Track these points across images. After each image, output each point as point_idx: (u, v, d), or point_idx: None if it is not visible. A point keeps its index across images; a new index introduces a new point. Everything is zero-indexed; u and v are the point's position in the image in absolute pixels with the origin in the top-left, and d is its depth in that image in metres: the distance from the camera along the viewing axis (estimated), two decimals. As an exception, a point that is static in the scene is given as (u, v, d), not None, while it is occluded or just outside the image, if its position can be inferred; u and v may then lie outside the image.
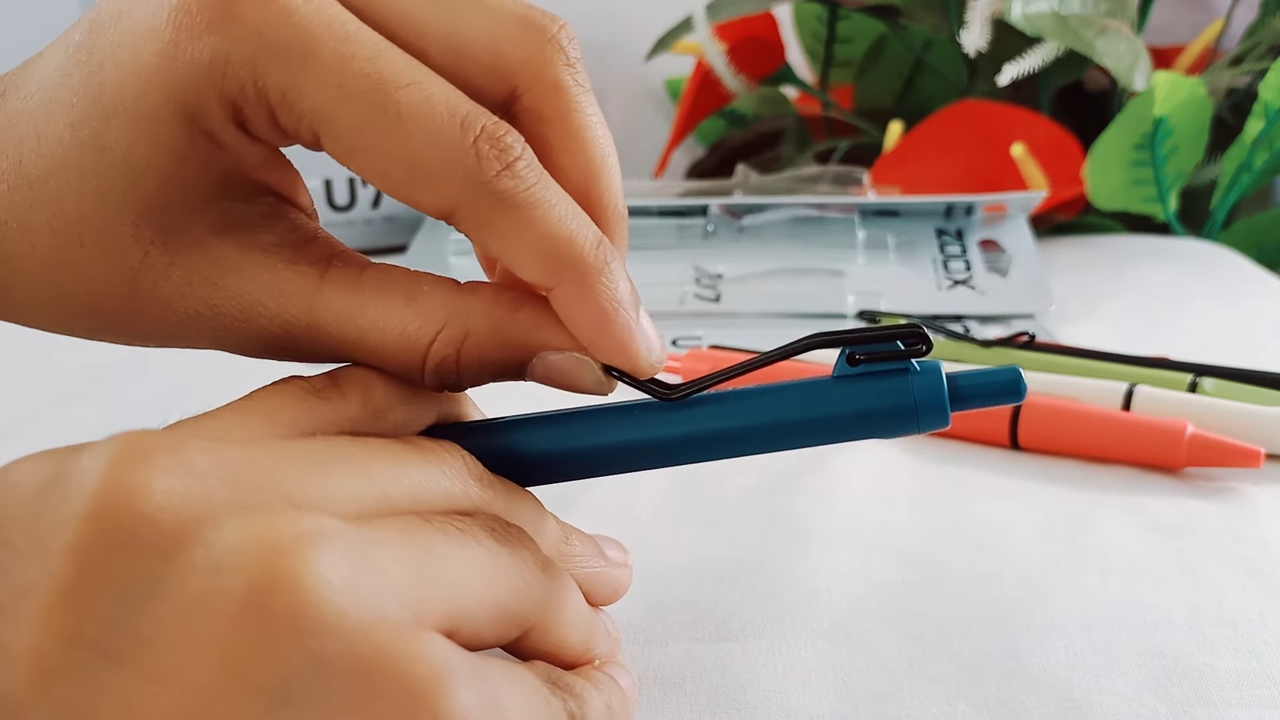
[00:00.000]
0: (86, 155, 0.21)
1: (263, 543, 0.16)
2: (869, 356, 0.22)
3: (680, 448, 0.23)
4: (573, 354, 0.22)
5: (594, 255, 0.21)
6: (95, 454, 0.17)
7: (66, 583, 0.16)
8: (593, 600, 0.24)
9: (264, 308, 0.22)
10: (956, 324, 0.55)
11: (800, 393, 0.22)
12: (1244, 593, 0.28)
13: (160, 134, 0.20)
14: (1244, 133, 0.67)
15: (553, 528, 0.23)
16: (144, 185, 0.21)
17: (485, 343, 0.22)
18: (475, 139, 0.20)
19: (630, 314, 0.22)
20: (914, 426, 0.22)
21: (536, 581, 0.20)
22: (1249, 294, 0.60)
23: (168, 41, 0.20)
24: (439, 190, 0.20)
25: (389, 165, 0.20)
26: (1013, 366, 0.22)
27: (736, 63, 0.82)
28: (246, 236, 0.22)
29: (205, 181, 0.21)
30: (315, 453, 0.19)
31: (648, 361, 0.22)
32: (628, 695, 0.22)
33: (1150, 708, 0.24)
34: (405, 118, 0.19)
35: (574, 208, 0.21)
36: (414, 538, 0.18)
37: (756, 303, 0.57)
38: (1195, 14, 0.89)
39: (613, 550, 0.25)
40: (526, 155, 0.20)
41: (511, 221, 0.20)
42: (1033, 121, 0.75)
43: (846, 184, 0.71)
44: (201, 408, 0.23)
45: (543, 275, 0.21)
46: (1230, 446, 0.35)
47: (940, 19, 0.78)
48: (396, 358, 0.22)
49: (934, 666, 0.25)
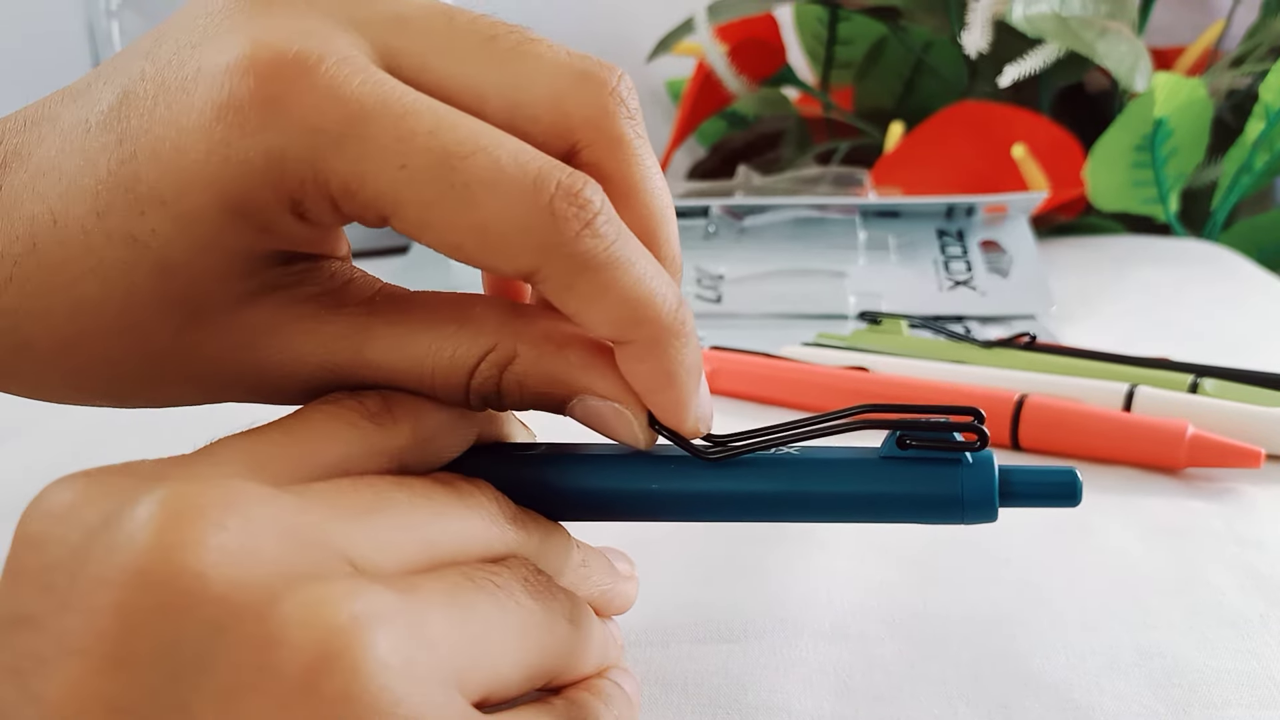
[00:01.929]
0: (114, 246, 0.20)
1: (320, 620, 0.15)
2: (921, 443, 0.21)
3: (716, 506, 0.22)
4: (613, 405, 0.21)
5: (672, 319, 0.20)
6: (148, 503, 0.16)
7: (111, 644, 0.15)
8: (603, 614, 0.24)
9: (311, 357, 0.21)
10: (957, 325, 0.55)
11: (845, 469, 0.21)
12: (1243, 593, 0.28)
13: (205, 231, 0.19)
14: (1244, 134, 0.68)
15: (575, 555, 0.23)
16: (180, 277, 0.20)
17: (528, 372, 0.21)
18: (551, 198, 0.18)
19: (692, 383, 0.21)
20: (959, 518, 0.21)
21: (566, 635, 0.20)
22: (1249, 295, 0.60)
23: (218, 140, 0.18)
24: (516, 258, 0.19)
25: (464, 240, 0.19)
26: (1070, 469, 0.21)
27: (737, 64, 0.82)
28: (284, 295, 0.21)
29: (247, 263, 0.20)
30: (362, 501, 0.18)
31: (693, 431, 0.22)
32: (633, 699, 0.22)
33: (1150, 708, 0.24)
34: (474, 188, 0.18)
35: (654, 264, 0.20)
36: (457, 598, 0.18)
37: (758, 303, 0.57)
38: (1196, 15, 0.90)
39: (621, 563, 0.25)
40: (606, 209, 0.19)
41: (592, 284, 0.19)
42: (1033, 122, 0.76)
43: (847, 185, 0.71)
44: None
45: (618, 334, 0.20)
46: (1230, 447, 0.35)
47: (941, 20, 0.78)
48: (445, 381, 0.21)
49: (934, 667, 0.25)
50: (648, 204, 0.21)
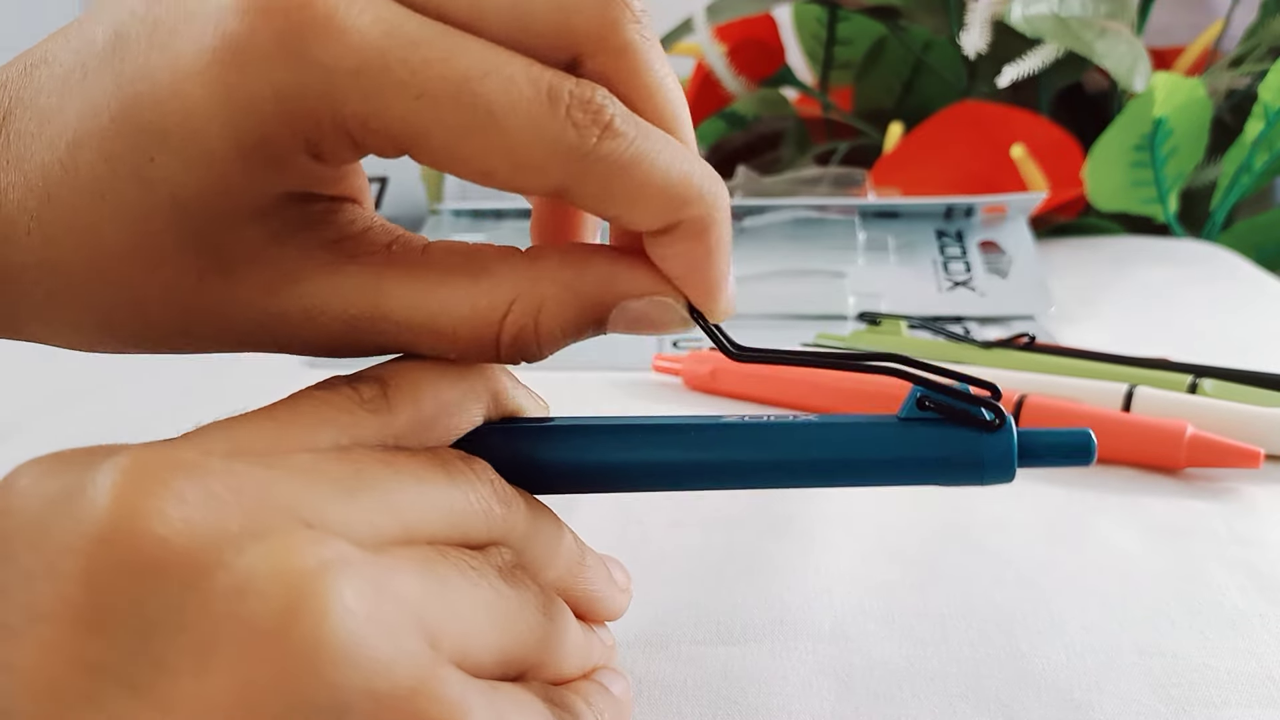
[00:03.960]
0: (128, 190, 0.19)
1: (286, 568, 0.15)
2: (939, 406, 0.21)
3: (739, 471, 0.22)
4: (653, 298, 0.21)
5: (711, 195, 0.20)
6: (108, 470, 0.16)
7: (82, 608, 0.15)
8: (590, 618, 0.24)
9: (328, 306, 0.21)
10: (957, 325, 0.55)
11: (863, 430, 0.22)
12: (1243, 593, 0.28)
13: (215, 172, 0.19)
14: (1244, 134, 0.68)
15: (570, 546, 0.23)
16: (196, 219, 0.20)
17: (563, 308, 0.21)
18: (567, 109, 0.18)
19: (727, 260, 0.21)
20: (978, 479, 0.21)
21: (538, 625, 0.20)
22: (1249, 295, 0.60)
23: (220, 81, 0.18)
24: (545, 173, 0.19)
25: (489, 162, 0.19)
26: (1085, 430, 0.22)
27: (736, 64, 0.82)
28: (305, 238, 0.21)
29: (264, 202, 0.20)
30: (340, 476, 0.18)
31: (726, 310, 0.22)
32: (621, 701, 0.22)
33: (1150, 707, 0.24)
34: (495, 110, 0.18)
35: (679, 147, 0.20)
36: (428, 568, 0.18)
37: (757, 304, 0.57)
38: (1195, 15, 0.90)
39: (619, 573, 0.25)
40: (619, 108, 0.19)
41: (626, 183, 0.19)
42: (1033, 123, 0.76)
43: (847, 186, 0.71)
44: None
45: (663, 222, 0.20)
46: (1230, 447, 0.35)
47: (940, 20, 0.79)
48: (470, 338, 0.21)
49: (934, 667, 0.25)
50: (661, 109, 0.21)
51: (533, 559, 0.21)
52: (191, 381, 0.48)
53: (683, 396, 0.46)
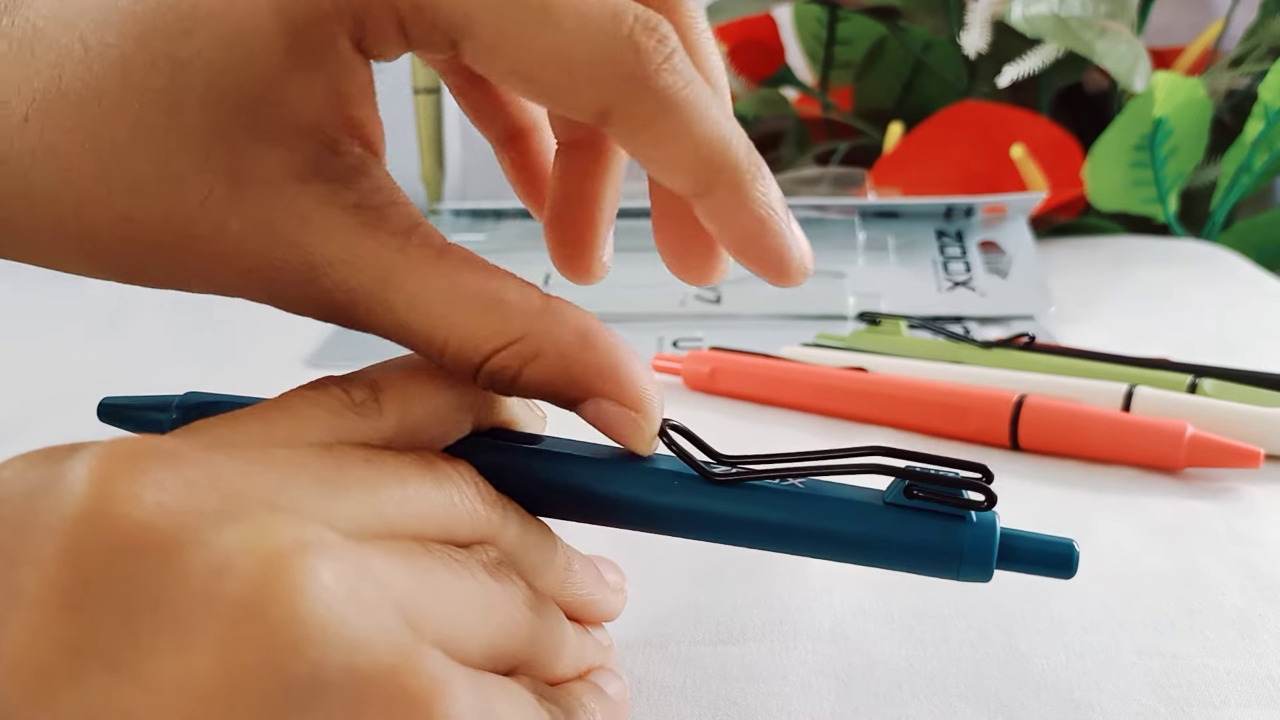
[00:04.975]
0: (155, 73, 0.18)
1: (264, 547, 0.15)
2: (927, 495, 0.21)
3: (715, 527, 0.22)
4: (629, 413, 0.21)
5: (748, 161, 0.19)
6: (86, 457, 0.16)
7: (64, 590, 0.15)
8: (585, 621, 0.23)
9: (334, 270, 0.20)
10: (956, 325, 0.55)
11: (846, 508, 0.21)
12: (1243, 593, 0.28)
13: (257, 51, 0.18)
14: (1244, 134, 0.67)
15: (559, 556, 0.23)
16: (225, 110, 0.18)
17: (550, 369, 0.21)
18: (631, 29, 0.18)
19: (786, 219, 0.20)
20: (954, 573, 0.21)
21: (526, 621, 0.20)
22: (1249, 295, 0.60)
23: None
24: (597, 89, 0.18)
25: (540, 66, 0.18)
26: (1068, 541, 0.21)
27: (736, 64, 0.82)
28: (327, 189, 0.20)
29: (297, 112, 0.19)
30: (321, 471, 0.18)
31: (800, 267, 0.21)
32: (617, 702, 0.22)
33: (1150, 707, 0.24)
34: (554, 8, 0.17)
35: (725, 108, 0.19)
36: (411, 559, 0.18)
37: (757, 304, 0.57)
38: (1195, 15, 0.90)
39: (611, 574, 0.25)
40: (680, 48, 0.18)
41: (670, 123, 0.18)
42: (1032, 123, 0.76)
43: (847, 186, 0.71)
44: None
45: (695, 182, 0.19)
46: (1230, 447, 0.35)
47: (940, 20, 0.79)
48: (455, 354, 0.20)
49: (934, 667, 0.25)
50: (710, 70, 0.20)
51: (529, 566, 0.21)
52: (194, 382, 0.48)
53: (683, 396, 0.46)
